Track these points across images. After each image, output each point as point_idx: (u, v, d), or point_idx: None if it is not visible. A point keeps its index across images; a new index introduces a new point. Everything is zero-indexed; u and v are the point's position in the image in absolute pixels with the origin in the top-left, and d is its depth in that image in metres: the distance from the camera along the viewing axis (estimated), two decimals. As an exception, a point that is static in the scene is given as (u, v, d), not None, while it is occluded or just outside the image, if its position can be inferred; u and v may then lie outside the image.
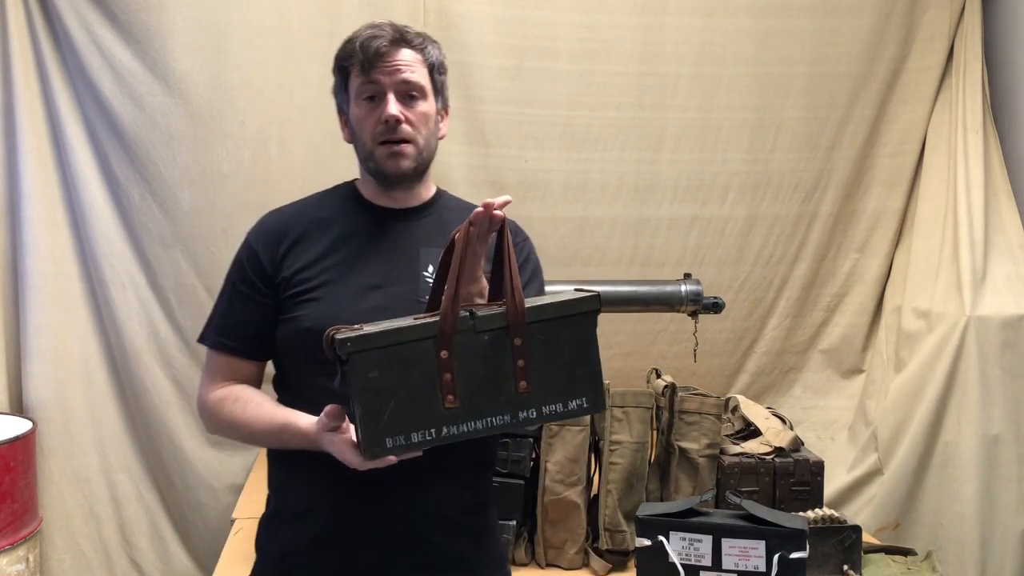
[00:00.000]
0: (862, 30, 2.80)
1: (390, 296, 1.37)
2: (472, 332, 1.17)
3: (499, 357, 1.18)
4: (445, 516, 1.39)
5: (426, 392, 1.16)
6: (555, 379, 1.21)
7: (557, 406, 1.21)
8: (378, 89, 1.38)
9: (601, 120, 2.73)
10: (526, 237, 1.53)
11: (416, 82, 1.39)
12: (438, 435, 1.16)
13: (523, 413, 1.20)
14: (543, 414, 1.21)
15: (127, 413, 2.63)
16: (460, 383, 1.17)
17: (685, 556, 1.55)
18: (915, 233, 2.84)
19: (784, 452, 2.14)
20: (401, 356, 1.15)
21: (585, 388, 1.22)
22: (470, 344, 1.17)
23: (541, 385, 1.20)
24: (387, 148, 1.39)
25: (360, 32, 1.41)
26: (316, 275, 1.38)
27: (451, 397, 1.16)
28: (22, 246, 2.51)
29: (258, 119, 2.55)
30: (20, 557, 2.32)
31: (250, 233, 1.46)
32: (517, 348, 1.18)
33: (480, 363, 1.18)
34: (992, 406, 2.56)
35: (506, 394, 1.19)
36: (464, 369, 1.17)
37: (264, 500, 1.50)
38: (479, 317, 1.18)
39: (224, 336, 1.43)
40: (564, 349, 1.21)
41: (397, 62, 1.38)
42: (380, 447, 1.15)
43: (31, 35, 2.46)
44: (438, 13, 2.57)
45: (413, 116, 1.39)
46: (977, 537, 2.56)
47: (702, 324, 2.44)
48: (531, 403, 1.20)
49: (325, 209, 1.46)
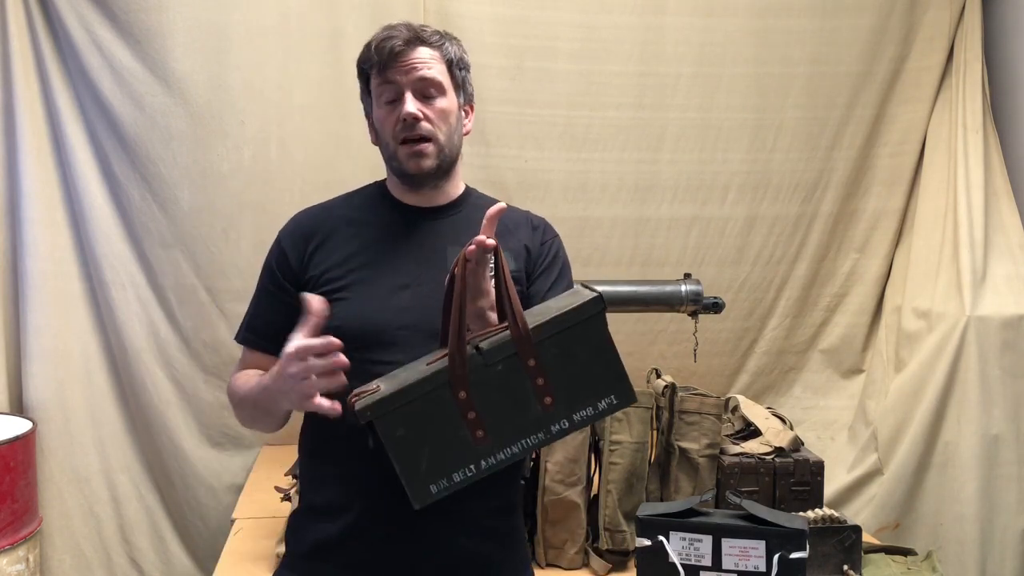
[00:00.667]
0: (862, 30, 2.80)
1: (418, 296, 1.38)
2: (483, 367, 1.18)
3: (517, 381, 1.19)
4: (473, 519, 1.40)
5: (456, 434, 1.18)
6: (578, 386, 1.21)
7: (588, 410, 1.22)
8: (396, 89, 1.39)
9: (601, 120, 2.72)
10: (555, 234, 1.54)
11: (433, 78, 1.39)
12: (479, 469, 1.19)
13: (555, 426, 1.21)
14: (575, 422, 1.22)
15: (127, 413, 2.62)
16: (485, 416, 1.18)
17: (685, 556, 1.55)
18: (915, 233, 2.84)
19: (784, 452, 2.14)
20: (421, 409, 1.17)
21: (611, 386, 1.23)
22: (485, 377, 1.18)
23: (566, 395, 1.21)
24: (408, 147, 1.39)
25: (377, 35, 1.41)
26: (344, 274, 1.39)
27: (480, 433, 1.18)
28: (22, 246, 2.50)
29: (258, 119, 2.55)
30: (20, 557, 2.32)
31: (280, 232, 1.48)
32: (532, 368, 1.19)
33: (499, 392, 1.19)
34: (992, 406, 2.56)
35: (533, 414, 1.20)
36: (485, 402, 1.18)
37: (264, 500, 1.50)
38: (486, 350, 1.19)
39: (253, 333, 1.46)
40: (579, 355, 1.21)
41: (413, 60, 1.38)
42: (427, 495, 1.18)
43: (31, 35, 2.46)
44: (438, 13, 2.57)
45: (432, 113, 1.39)
46: (977, 537, 2.56)
47: (702, 324, 2.44)
48: (560, 415, 1.21)
49: (354, 208, 1.47)
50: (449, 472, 1.18)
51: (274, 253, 1.46)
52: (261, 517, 2.18)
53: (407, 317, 1.33)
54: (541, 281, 1.48)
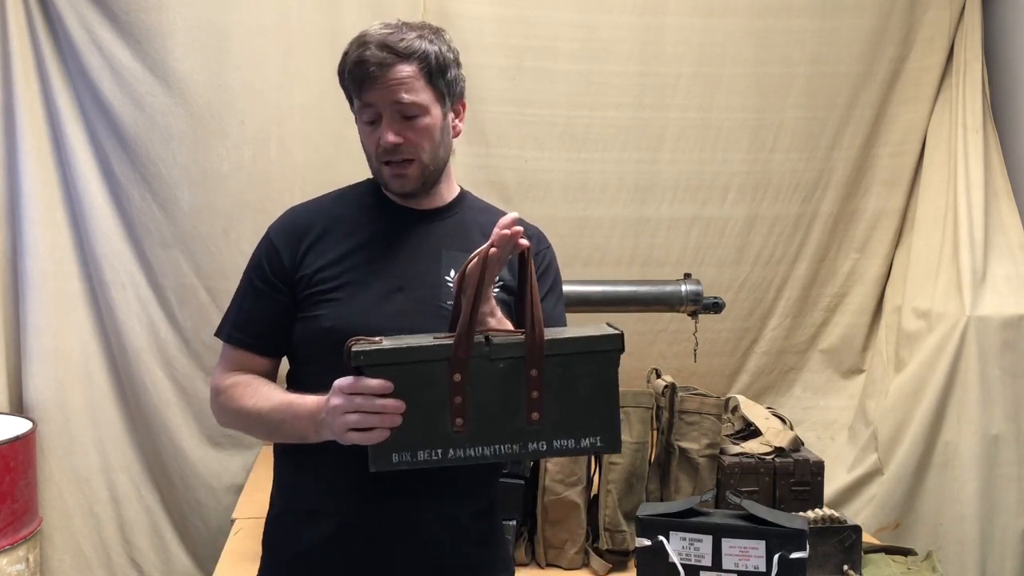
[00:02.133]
0: (862, 30, 2.80)
1: (412, 300, 1.36)
2: (487, 359, 1.17)
3: (513, 386, 1.18)
4: (455, 520, 1.39)
5: (436, 413, 1.17)
6: (570, 414, 1.20)
7: (569, 441, 1.21)
8: (375, 111, 1.35)
9: (601, 120, 2.72)
10: (548, 245, 1.51)
11: (411, 101, 1.33)
12: (444, 457, 1.17)
13: (533, 444, 1.20)
14: (553, 448, 1.21)
15: (127, 413, 2.62)
16: (471, 408, 1.17)
17: (685, 556, 1.55)
18: (915, 233, 2.84)
19: (784, 452, 2.14)
20: (414, 374, 1.16)
21: (601, 426, 1.22)
22: (485, 370, 1.17)
23: (554, 418, 1.20)
24: (390, 168, 1.37)
25: (350, 49, 1.35)
26: (337, 275, 1.37)
27: (460, 421, 1.17)
28: (22, 246, 2.51)
29: (258, 119, 2.55)
30: (20, 557, 2.32)
31: (271, 228, 1.45)
32: (533, 379, 1.18)
33: (493, 390, 1.18)
34: (992, 406, 2.56)
35: (517, 424, 1.19)
36: (476, 394, 1.17)
37: (264, 500, 1.49)
38: (494, 344, 1.18)
39: (239, 331, 1.42)
40: (582, 385, 1.20)
41: (390, 82, 1.33)
42: (386, 461, 1.16)
43: (31, 35, 2.46)
44: (438, 13, 2.57)
45: (413, 134, 1.35)
46: (977, 537, 2.56)
47: (702, 324, 2.44)
48: (542, 435, 1.19)
49: (347, 207, 1.45)
50: (415, 448, 1.16)
51: (264, 249, 1.43)
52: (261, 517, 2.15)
53: (400, 321, 1.31)
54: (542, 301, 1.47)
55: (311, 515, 1.39)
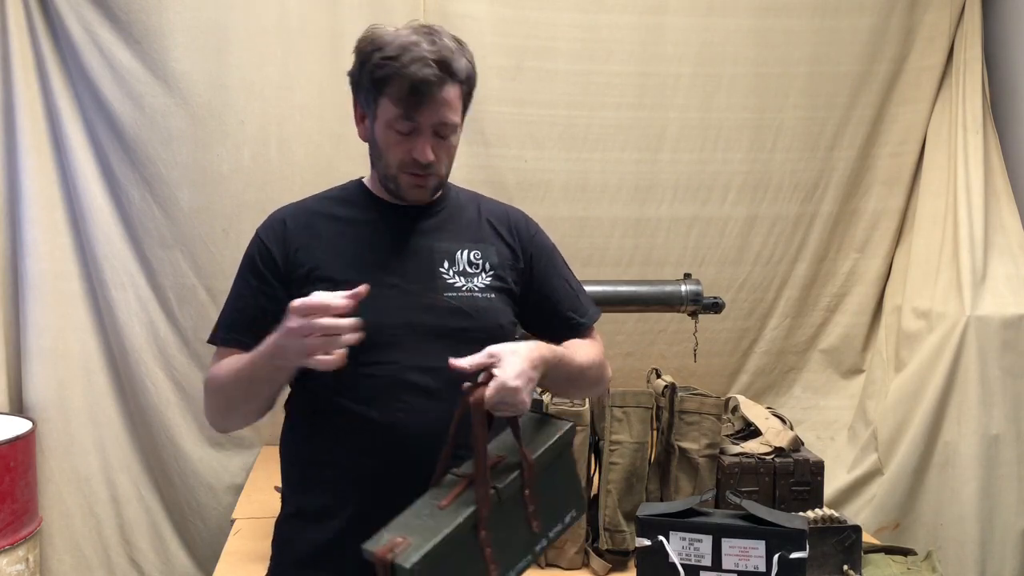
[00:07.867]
0: (862, 30, 2.80)
1: (407, 294, 1.37)
2: (497, 504, 1.23)
3: (515, 511, 1.26)
4: None
5: (476, 569, 1.21)
6: (553, 505, 1.31)
7: (559, 526, 1.32)
8: (414, 127, 1.34)
9: (601, 120, 2.73)
10: (537, 228, 1.54)
11: (453, 122, 1.36)
12: None
13: (539, 546, 1.29)
14: (550, 538, 1.31)
15: (127, 413, 2.62)
16: (495, 548, 1.23)
17: (685, 556, 1.55)
18: (915, 233, 2.84)
19: (784, 452, 2.14)
20: (450, 551, 1.18)
21: (574, 500, 1.34)
22: (497, 513, 1.23)
23: (546, 515, 1.29)
24: (412, 179, 1.38)
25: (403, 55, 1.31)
26: (332, 274, 1.37)
27: (494, 567, 1.23)
28: (22, 246, 2.51)
29: (258, 119, 2.55)
30: (20, 557, 2.32)
31: (260, 229, 1.45)
32: (527, 496, 1.26)
33: (504, 524, 1.24)
34: (992, 406, 2.56)
35: (524, 537, 1.27)
36: (496, 536, 1.23)
37: (264, 500, 1.49)
38: (502, 489, 1.24)
39: (232, 331, 1.42)
40: (556, 478, 1.31)
41: (440, 101, 1.33)
42: None
43: (31, 35, 2.46)
44: (438, 13, 2.57)
45: (443, 151, 1.38)
46: (977, 537, 2.56)
47: (702, 324, 2.44)
48: (542, 535, 1.30)
49: (336, 206, 1.45)
50: None
51: (256, 248, 1.42)
52: (261, 517, 2.17)
53: (398, 317, 1.32)
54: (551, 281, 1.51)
55: (319, 515, 1.39)
